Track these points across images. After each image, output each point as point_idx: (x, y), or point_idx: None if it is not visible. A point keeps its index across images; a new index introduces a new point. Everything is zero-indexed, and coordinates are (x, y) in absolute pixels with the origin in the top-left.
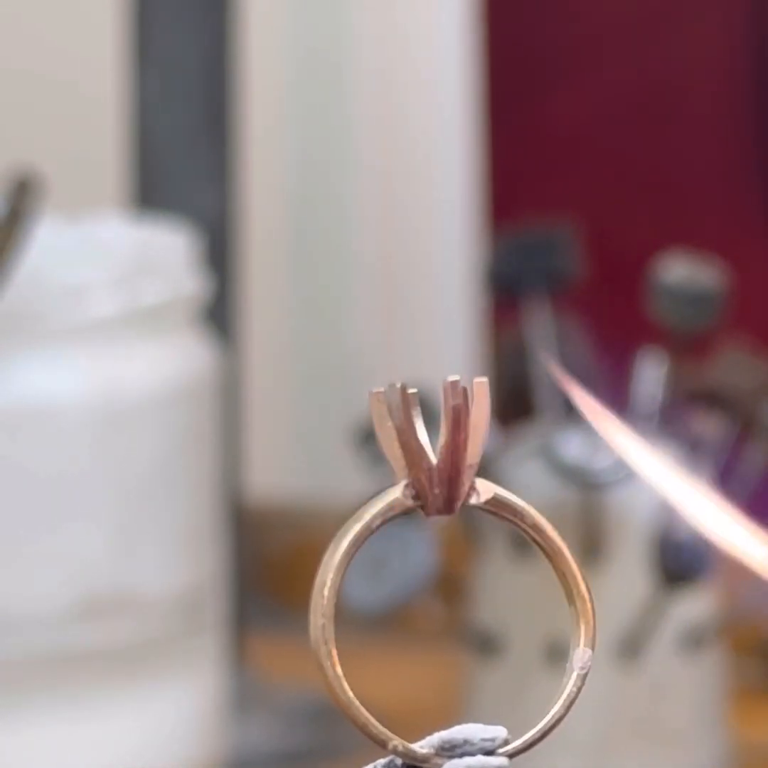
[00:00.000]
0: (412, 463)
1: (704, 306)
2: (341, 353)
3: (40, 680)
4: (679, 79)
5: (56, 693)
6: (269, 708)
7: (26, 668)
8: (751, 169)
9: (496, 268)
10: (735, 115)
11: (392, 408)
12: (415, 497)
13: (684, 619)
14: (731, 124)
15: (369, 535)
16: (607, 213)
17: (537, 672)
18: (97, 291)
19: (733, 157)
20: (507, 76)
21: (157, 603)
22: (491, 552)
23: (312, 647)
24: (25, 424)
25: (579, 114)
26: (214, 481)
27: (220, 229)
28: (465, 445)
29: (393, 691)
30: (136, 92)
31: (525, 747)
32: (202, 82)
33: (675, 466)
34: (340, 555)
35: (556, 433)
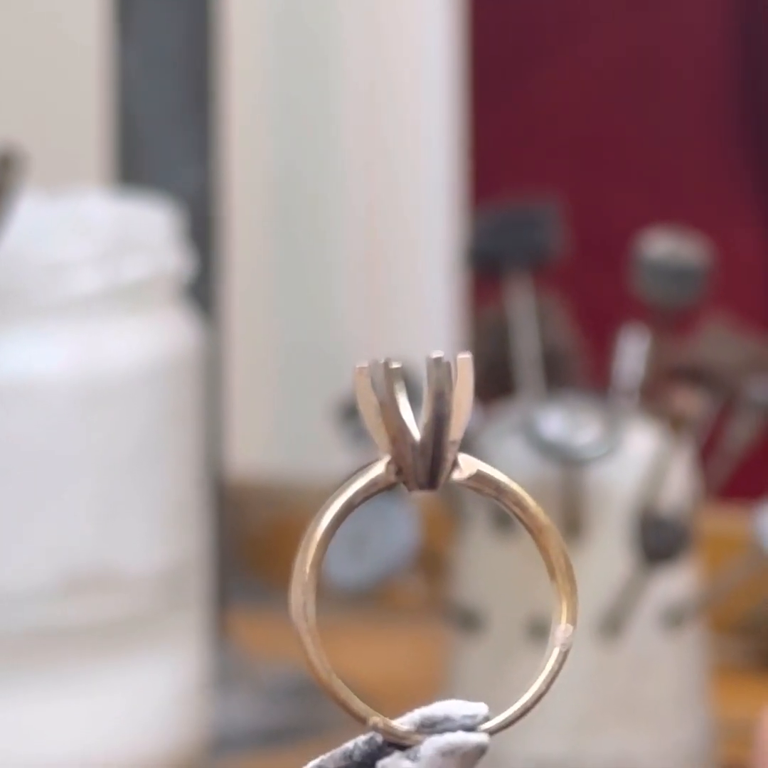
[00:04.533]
0: (396, 439)
1: (687, 282)
2: (323, 330)
3: (24, 655)
4: (663, 57)
5: (40, 668)
6: (251, 684)
7: (10, 643)
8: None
9: (478, 245)
10: (719, 93)
11: (376, 383)
12: (398, 473)
13: (665, 597)
14: (715, 101)
15: (351, 511)
16: (589, 189)
17: (518, 648)
18: (80, 267)
19: (717, 134)
20: (489, 56)
21: (140, 579)
22: (473, 528)
23: (293, 624)
24: (7, 400)
25: (561, 92)
26: (196, 458)
27: (203, 206)
28: (448, 420)
29: (374, 667)
30: (118, 68)
31: (506, 724)
32: (184, 58)
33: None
34: (323, 531)
35: (537, 409)
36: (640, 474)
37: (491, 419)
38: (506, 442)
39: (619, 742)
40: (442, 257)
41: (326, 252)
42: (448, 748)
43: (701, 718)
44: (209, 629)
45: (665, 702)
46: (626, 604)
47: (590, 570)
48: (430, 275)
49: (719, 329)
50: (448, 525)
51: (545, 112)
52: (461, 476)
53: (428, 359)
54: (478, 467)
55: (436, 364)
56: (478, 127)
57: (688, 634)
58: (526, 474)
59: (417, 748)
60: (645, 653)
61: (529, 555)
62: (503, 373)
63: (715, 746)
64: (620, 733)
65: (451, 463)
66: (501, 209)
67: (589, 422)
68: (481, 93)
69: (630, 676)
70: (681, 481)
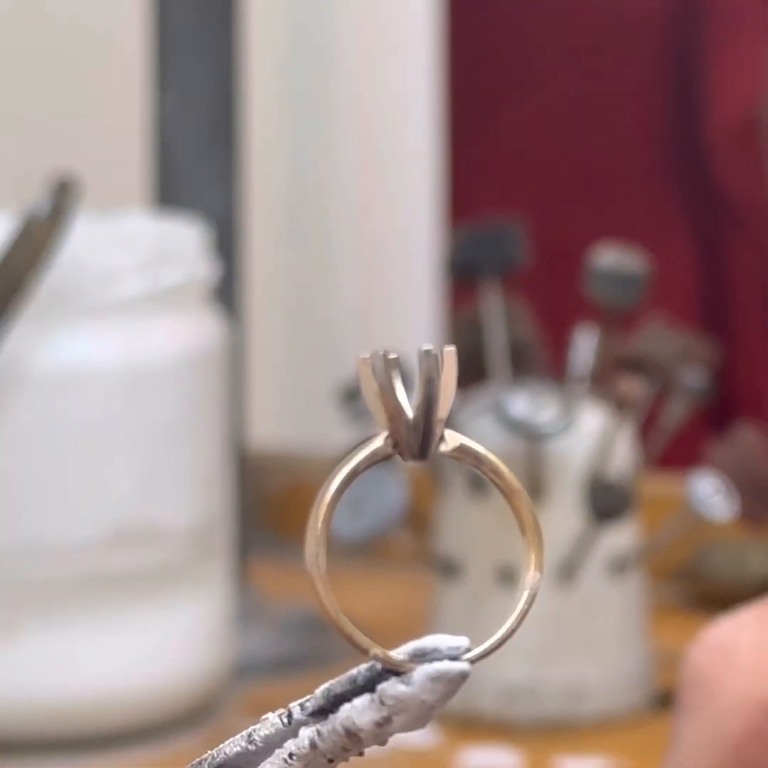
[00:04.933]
0: (392, 418)
1: (630, 287)
2: (328, 327)
3: (78, 597)
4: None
5: (92, 608)
6: (267, 621)
7: (66, 587)
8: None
9: (456, 257)
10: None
11: (376, 371)
12: (394, 446)
13: (611, 548)
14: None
15: (355, 477)
16: (549, 210)
17: (489, 592)
18: (126, 275)
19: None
20: (466, 99)
21: (175, 533)
22: (452, 492)
23: (307, 570)
24: (67, 384)
25: (526, 128)
26: (222, 432)
27: (227, 223)
28: (437, 402)
29: (370, 607)
30: (157, 110)
31: (485, 654)
32: (212, 101)
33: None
34: (332, 493)
35: (505, 393)
36: (591, 446)
37: (467, 401)
38: (480, 420)
39: (573, 669)
40: (428, 267)
41: (331, 261)
42: (437, 675)
43: (641, 650)
44: (233, 575)
45: (612, 636)
46: (579, 555)
47: (549, 526)
48: (418, 281)
49: (656, 326)
50: (431, 489)
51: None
52: (447, 448)
53: (419, 351)
54: (461, 441)
55: (426, 355)
56: (456, 158)
57: (630, 579)
58: (496, 446)
59: (410, 674)
60: (595, 595)
61: (499, 514)
62: (477, 363)
63: (652, 673)
64: (574, 662)
65: (438, 437)
66: (476, 226)
67: (548, 404)
68: (460, 130)
69: (582, 615)
70: (624, 453)
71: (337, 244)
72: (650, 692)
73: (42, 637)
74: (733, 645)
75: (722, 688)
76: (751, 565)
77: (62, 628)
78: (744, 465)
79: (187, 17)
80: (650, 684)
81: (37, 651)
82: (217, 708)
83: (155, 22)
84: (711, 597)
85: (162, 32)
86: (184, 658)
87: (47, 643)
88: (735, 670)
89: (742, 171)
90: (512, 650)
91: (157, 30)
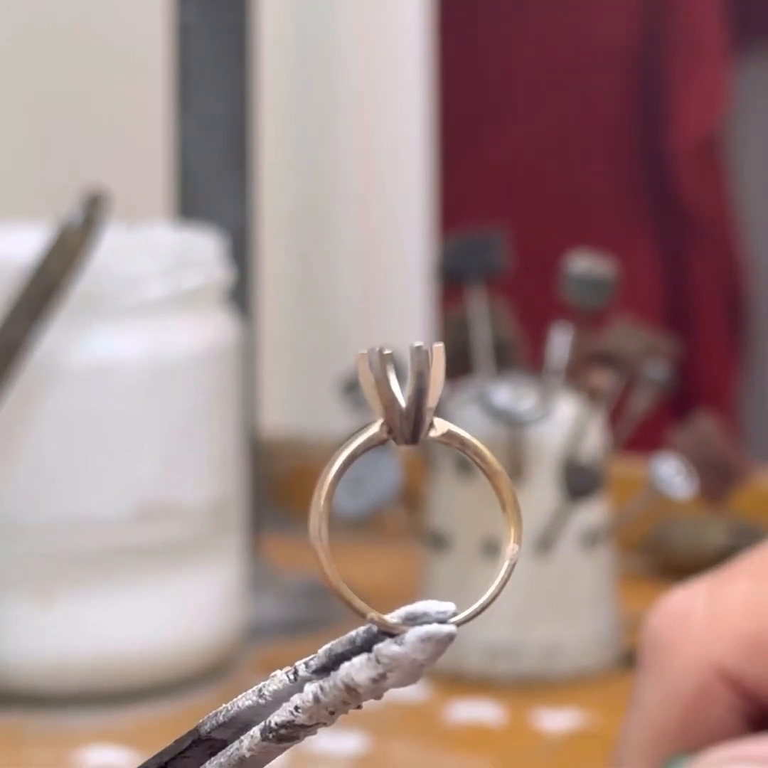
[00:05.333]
0: (387, 407)
1: (601, 290)
2: (331, 325)
3: (104, 569)
4: (581, 122)
5: (117, 579)
6: (278, 589)
7: (93, 560)
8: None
9: (446, 263)
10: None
11: (372, 365)
12: (389, 432)
13: (584, 523)
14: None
15: (354, 459)
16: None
17: (476, 563)
18: (150, 279)
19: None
20: (456, 122)
21: (193, 510)
22: (442, 473)
23: (311, 543)
24: (98, 377)
25: (509, 148)
26: (236, 419)
27: (241, 234)
28: (427, 393)
29: (368, 576)
30: (179, 132)
31: (469, 617)
32: (229, 124)
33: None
34: (333, 473)
35: (489, 385)
36: (566, 432)
37: (455, 392)
38: (467, 408)
39: (550, 631)
40: (420, 271)
41: (333, 267)
42: (426, 636)
43: (611, 614)
44: (246, 548)
45: (584, 602)
46: (555, 529)
47: (528, 503)
48: (412, 285)
49: (624, 325)
50: (423, 470)
51: (497, 163)
52: (436, 434)
53: (411, 347)
54: (448, 427)
55: (418, 350)
56: (446, 175)
57: (601, 551)
58: (482, 432)
59: (403, 636)
60: (569, 565)
61: (484, 493)
62: (464, 358)
63: (620, 635)
64: (551, 625)
65: (428, 424)
66: (463, 236)
67: (528, 394)
68: (450, 150)
69: (558, 583)
70: (595, 438)
71: (339, 251)
72: (618, 652)
73: (73, 604)
74: (688, 611)
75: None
76: (708, 539)
77: (92, 596)
78: (702, 449)
79: (206, 49)
80: (618, 645)
81: (69, 616)
82: (231, 666)
83: (177, 54)
84: (672, 567)
85: (183, 62)
86: (202, 621)
87: (78, 608)
88: (689, 634)
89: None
90: (495, 614)
91: (179, 60)
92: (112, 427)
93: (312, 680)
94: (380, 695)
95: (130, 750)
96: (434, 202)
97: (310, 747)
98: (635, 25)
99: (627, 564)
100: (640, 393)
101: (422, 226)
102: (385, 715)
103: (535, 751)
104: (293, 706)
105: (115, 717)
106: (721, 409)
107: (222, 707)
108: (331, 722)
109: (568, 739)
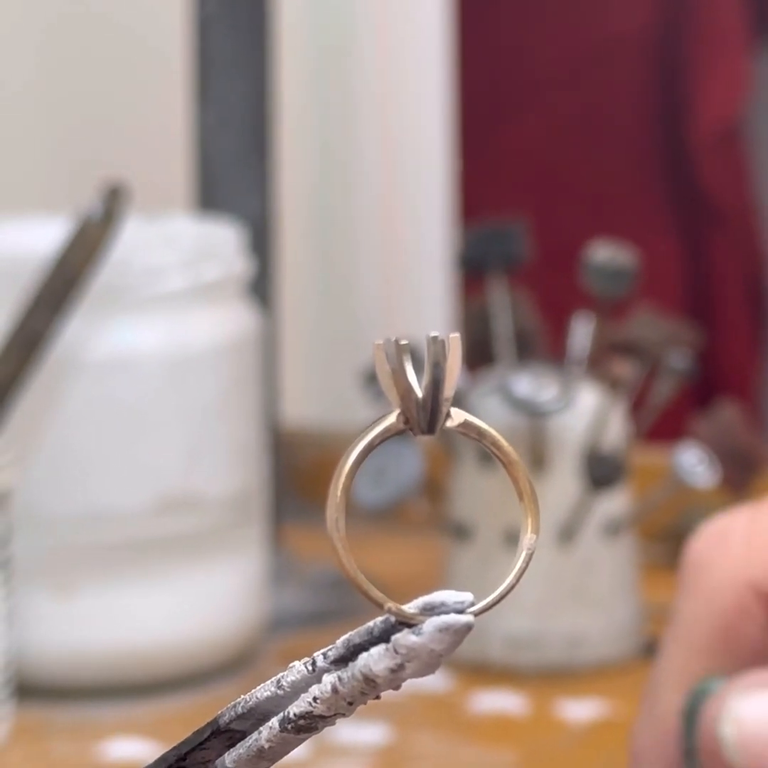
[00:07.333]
0: (404, 397)
1: (621, 279)
2: (351, 317)
3: (129, 560)
4: (602, 111)
5: (141, 570)
6: (298, 579)
7: (118, 551)
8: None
9: (466, 253)
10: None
11: (389, 355)
12: (405, 422)
13: (606, 513)
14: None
15: (371, 450)
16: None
17: (497, 553)
18: (170, 271)
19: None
20: (475, 113)
21: (216, 501)
22: (464, 463)
23: (328, 534)
24: (120, 368)
25: (529, 139)
26: (258, 411)
27: (261, 225)
28: (443, 383)
29: (388, 567)
30: (198, 123)
31: (487, 607)
32: (249, 116)
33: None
34: (350, 464)
35: (510, 375)
36: (587, 422)
37: (477, 382)
38: (488, 399)
39: (572, 621)
40: (441, 262)
41: (354, 258)
42: (444, 626)
43: (633, 603)
44: (268, 539)
45: (606, 591)
46: (577, 519)
47: (551, 493)
48: (433, 275)
49: (646, 314)
50: (445, 460)
51: (517, 154)
52: (452, 424)
53: (428, 337)
54: (465, 417)
55: (434, 341)
56: (467, 166)
57: (623, 540)
58: (503, 423)
59: (420, 626)
60: (591, 555)
61: (505, 483)
62: (485, 348)
63: (642, 624)
64: (573, 614)
65: (445, 414)
66: (484, 226)
67: (549, 384)
68: (470, 141)
69: (580, 572)
70: (617, 428)
71: (360, 242)
72: (640, 641)
73: (96, 596)
74: (728, 532)
75: (715, 569)
76: None
77: (115, 587)
78: (724, 438)
79: (226, 41)
80: (640, 634)
81: (93, 607)
82: (253, 658)
83: (198, 45)
84: None
85: (204, 55)
86: (224, 613)
87: (102, 600)
88: (727, 554)
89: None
90: (518, 604)
91: (199, 53)
92: (133, 419)
93: (330, 671)
94: (398, 685)
95: (153, 742)
96: (455, 193)
97: (334, 738)
98: (656, 13)
99: (649, 553)
100: (661, 382)
101: (443, 216)
102: (408, 706)
103: (559, 741)
104: (312, 696)
105: (137, 709)
106: (742, 397)
107: (241, 698)
108: (350, 713)
109: (592, 728)
